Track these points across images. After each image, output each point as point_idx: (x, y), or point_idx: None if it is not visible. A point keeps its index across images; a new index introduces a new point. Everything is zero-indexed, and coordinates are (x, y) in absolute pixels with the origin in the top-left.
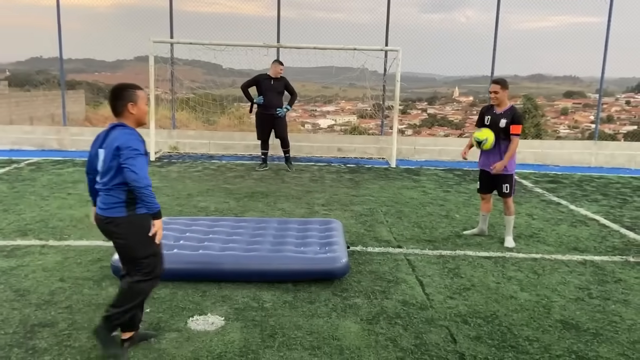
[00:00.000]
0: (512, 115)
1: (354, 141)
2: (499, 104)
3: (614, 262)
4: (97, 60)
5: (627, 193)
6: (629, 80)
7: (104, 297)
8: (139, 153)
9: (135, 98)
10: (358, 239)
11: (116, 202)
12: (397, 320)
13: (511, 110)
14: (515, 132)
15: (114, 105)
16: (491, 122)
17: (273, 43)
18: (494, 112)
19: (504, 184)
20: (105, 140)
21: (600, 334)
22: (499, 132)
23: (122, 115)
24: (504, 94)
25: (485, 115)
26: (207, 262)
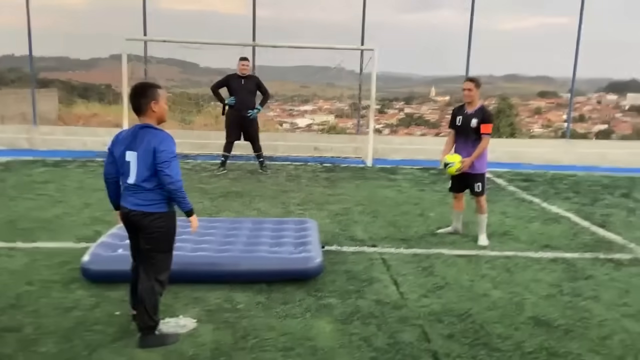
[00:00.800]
0: (482, 115)
1: (330, 140)
2: (471, 102)
3: (585, 259)
4: (71, 59)
5: (598, 191)
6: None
7: (72, 300)
8: (174, 157)
9: (157, 96)
10: (333, 239)
11: (159, 199)
12: (371, 320)
13: (481, 110)
14: (485, 132)
15: (137, 103)
16: (462, 122)
17: (248, 42)
18: (465, 112)
19: (476, 183)
20: (134, 141)
21: (571, 330)
22: (470, 132)
23: (145, 114)
24: (477, 93)
25: (457, 115)
26: (179, 264)
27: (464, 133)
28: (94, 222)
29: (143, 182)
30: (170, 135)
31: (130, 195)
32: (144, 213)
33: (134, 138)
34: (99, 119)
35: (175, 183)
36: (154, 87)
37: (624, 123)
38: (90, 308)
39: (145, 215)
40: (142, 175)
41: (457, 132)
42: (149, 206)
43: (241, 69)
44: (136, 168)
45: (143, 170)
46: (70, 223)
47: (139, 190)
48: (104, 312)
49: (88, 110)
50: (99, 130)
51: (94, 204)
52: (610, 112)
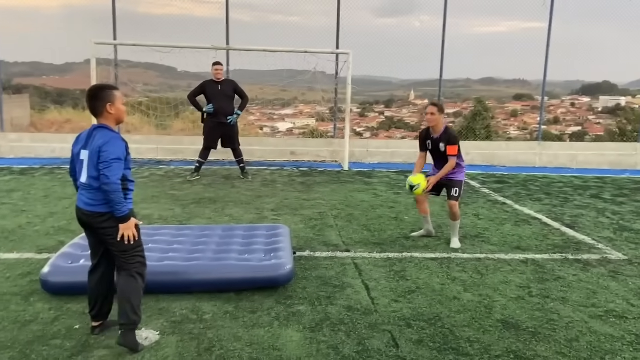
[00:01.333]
0: (447, 138)
1: (307, 145)
2: (435, 126)
3: (554, 260)
4: (44, 64)
5: (568, 192)
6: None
7: (31, 314)
8: (115, 159)
9: (112, 98)
10: (306, 244)
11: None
12: (340, 327)
13: (446, 133)
14: (451, 153)
15: (92, 106)
16: (433, 147)
17: (222, 45)
18: (432, 137)
19: (454, 188)
20: (88, 141)
21: (538, 332)
22: (441, 155)
23: (102, 116)
24: (440, 117)
25: (425, 140)
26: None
27: (435, 155)
28: (58, 232)
29: (92, 181)
30: (120, 137)
31: (82, 194)
32: (94, 213)
33: (89, 137)
34: (73, 125)
35: (110, 185)
36: (109, 88)
37: (597, 125)
38: (50, 321)
39: (96, 215)
40: (90, 174)
41: (431, 153)
42: (99, 206)
43: (215, 74)
44: (87, 167)
45: (92, 170)
46: (34, 233)
47: (90, 189)
48: (64, 326)
49: (61, 116)
50: (68, 137)
51: (59, 212)
52: (583, 114)
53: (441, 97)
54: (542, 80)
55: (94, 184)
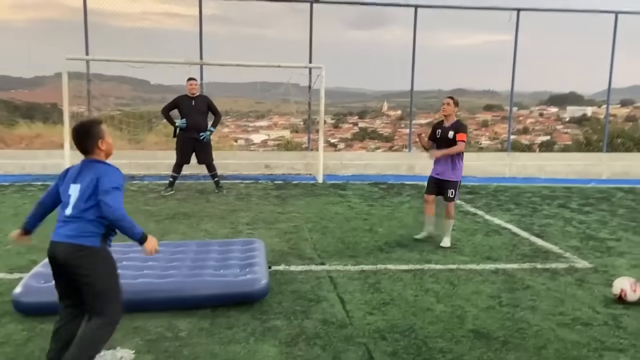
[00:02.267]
0: (457, 127)
1: (281, 157)
2: (447, 117)
3: (523, 269)
4: (13, 77)
5: (537, 202)
6: (542, 93)
7: (3, 335)
8: (116, 187)
9: (103, 134)
10: (281, 258)
11: (93, 232)
12: (316, 341)
13: (457, 123)
14: (460, 139)
15: (83, 144)
16: (441, 135)
17: (196, 59)
18: (444, 126)
19: (450, 189)
20: (79, 175)
21: (508, 341)
22: (448, 143)
23: (93, 153)
24: (454, 109)
25: (436, 129)
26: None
27: (442, 145)
28: (30, 251)
29: (80, 213)
30: (117, 169)
31: (63, 228)
32: (74, 245)
33: (80, 172)
34: (43, 140)
35: (115, 212)
36: (97, 124)
37: (565, 134)
38: (22, 343)
39: (76, 248)
40: (79, 207)
41: (437, 143)
42: (81, 237)
43: (190, 89)
44: (75, 200)
45: (81, 203)
46: (4, 252)
47: (75, 221)
48: (37, 347)
49: (31, 130)
50: (38, 153)
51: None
52: (551, 124)
53: (413, 108)
54: (511, 91)
55: (85, 215)
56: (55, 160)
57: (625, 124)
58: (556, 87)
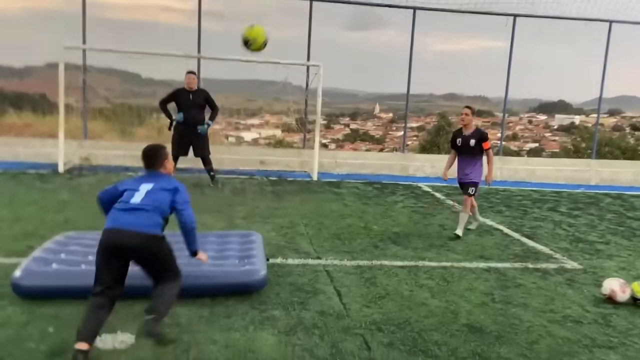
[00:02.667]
0: (479, 135)
1: (276, 154)
2: (466, 126)
3: (515, 268)
4: (2, 67)
5: (527, 205)
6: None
7: (3, 317)
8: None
9: (167, 155)
10: (278, 251)
11: (159, 223)
12: (314, 331)
13: (477, 132)
14: (487, 147)
15: (152, 162)
16: (462, 143)
17: (193, 53)
18: (463, 134)
19: (471, 187)
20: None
21: (501, 336)
22: (469, 151)
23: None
24: (472, 118)
25: (457, 138)
26: None
27: (464, 152)
28: (26, 237)
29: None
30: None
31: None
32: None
33: (149, 177)
34: (33, 130)
35: (193, 223)
36: (162, 148)
37: (553, 142)
38: (22, 325)
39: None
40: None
41: (458, 151)
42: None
43: (189, 83)
44: (147, 192)
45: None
46: (0, 237)
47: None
48: (37, 329)
49: (21, 120)
50: (32, 141)
51: (25, 217)
52: (540, 132)
53: (408, 112)
54: (502, 97)
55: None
56: (48, 149)
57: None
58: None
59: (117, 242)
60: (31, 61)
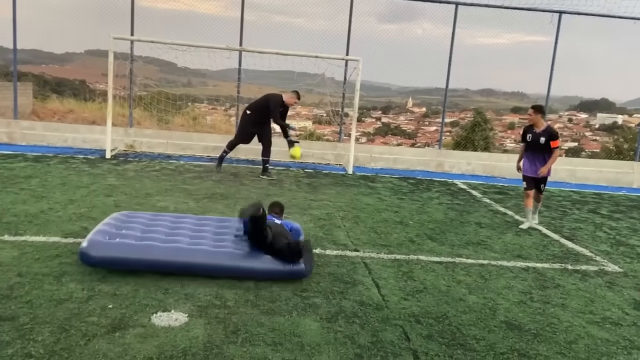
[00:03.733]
0: (549, 134)
1: (312, 147)
2: (536, 125)
3: (554, 269)
4: (44, 52)
5: (567, 206)
6: (572, 98)
7: (65, 293)
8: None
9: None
10: (317, 242)
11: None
12: (354, 319)
13: (547, 130)
14: (555, 146)
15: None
16: (532, 139)
17: (235, 46)
18: (534, 131)
19: (542, 184)
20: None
21: (540, 334)
22: (538, 147)
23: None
24: (537, 117)
25: (527, 133)
26: (179, 255)
27: (532, 147)
28: (80, 219)
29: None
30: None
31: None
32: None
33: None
34: (75, 116)
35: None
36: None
37: (593, 142)
38: (84, 300)
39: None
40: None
41: (527, 146)
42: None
43: (291, 102)
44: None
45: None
46: (56, 218)
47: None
48: (97, 305)
49: (63, 106)
50: (80, 127)
51: (78, 200)
52: (580, 130)
53: (438, 106)
54: (543, 94)
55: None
56: (96, 136)
57: None
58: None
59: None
60: (71, 47)
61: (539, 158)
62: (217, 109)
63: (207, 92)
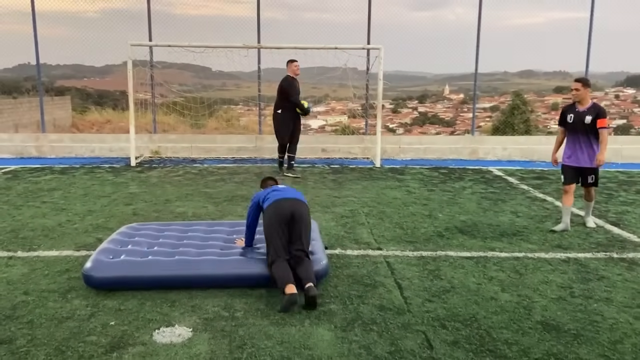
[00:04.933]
0: (596, 111)
1: (338, 141)
2: (580, 101)
3: (598, 258)
4: (85, 66)
5: (612, 188)
6: (618, 74)
7: (68, 310)
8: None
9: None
10: (337, 242)
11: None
12: (372, 327)
13: (594, 107)
14: (602, 126)
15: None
16: (575, 119)
17: (253, 44)
18: (577, 110)
19: (590, 175)
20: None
21: (580, 334)
22: (584, 128)
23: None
24: (585, 92)
25: (567, 113)
26: (183, 269)
27: (575, 130)
28: (96, 230)
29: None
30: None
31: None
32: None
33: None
34: (113, 126)
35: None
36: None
37: None
38: (86, 318)
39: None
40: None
41: (568, 129)
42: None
43: (296, 71)
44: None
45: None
46: (72, 230)
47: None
48: (99, 322)
49: (101, 117)
50: (107, 137)
51: (97, 210)
52: (628, 107)
53: (477, 92)
54: (584, 72)
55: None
56: (122, 144)
57: None
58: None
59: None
60: (110, 60)
61: (584, 142)
62: (252, 109)
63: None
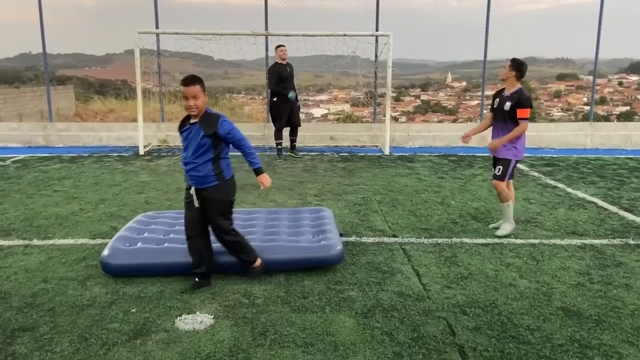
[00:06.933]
0: (517, 98)
1: (346, 129)
2: (505, 81)
3: (614, 245)
4: (86, 55)
5: (623, 174)
6: (621, 61)
7: (88, 298)
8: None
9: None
10: (352, 229)
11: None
12: (393, 313)
13: (517, 93)
14: (521, 117)
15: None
16: (498, 105)
17: (261, 31)
18: (503, 94)
19: (497, 166)
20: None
21: (602, 320)
22: (502, 115)
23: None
24: (510, 73)
25: (495, 98)
26: None
27: (496, 115)
28: (110, 218)
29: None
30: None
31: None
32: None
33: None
34: (116, 115)
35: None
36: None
37: None
38: (107, 306)
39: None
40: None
41: (494, 115)
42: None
43: (281, 56)
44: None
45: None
46: (86, 219)
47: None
48: (120, 310)
49: (105, 106)
50: (114, 125)
51: (109, 199)
52: (632, 94)
53: (479, 79)
54: (589, 58)
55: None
56: (129, 133)
57: None
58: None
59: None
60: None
61: (501, 130)
62: (255, 98)
63: (244, 82)
